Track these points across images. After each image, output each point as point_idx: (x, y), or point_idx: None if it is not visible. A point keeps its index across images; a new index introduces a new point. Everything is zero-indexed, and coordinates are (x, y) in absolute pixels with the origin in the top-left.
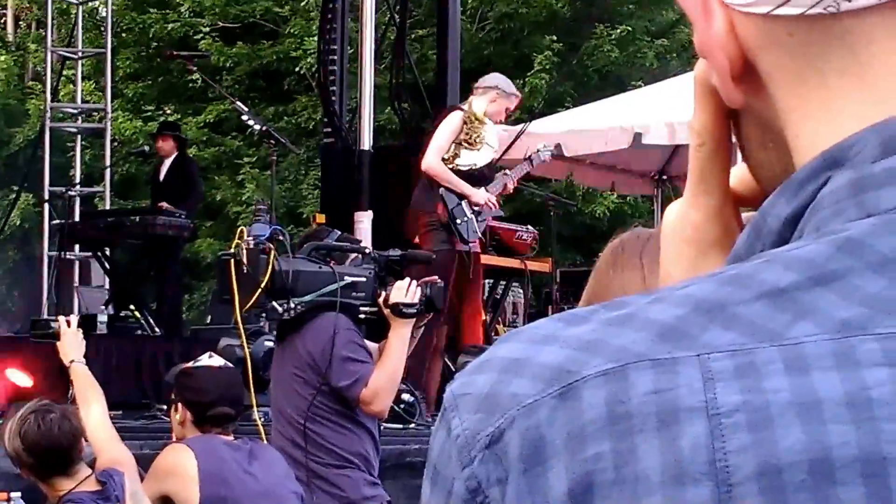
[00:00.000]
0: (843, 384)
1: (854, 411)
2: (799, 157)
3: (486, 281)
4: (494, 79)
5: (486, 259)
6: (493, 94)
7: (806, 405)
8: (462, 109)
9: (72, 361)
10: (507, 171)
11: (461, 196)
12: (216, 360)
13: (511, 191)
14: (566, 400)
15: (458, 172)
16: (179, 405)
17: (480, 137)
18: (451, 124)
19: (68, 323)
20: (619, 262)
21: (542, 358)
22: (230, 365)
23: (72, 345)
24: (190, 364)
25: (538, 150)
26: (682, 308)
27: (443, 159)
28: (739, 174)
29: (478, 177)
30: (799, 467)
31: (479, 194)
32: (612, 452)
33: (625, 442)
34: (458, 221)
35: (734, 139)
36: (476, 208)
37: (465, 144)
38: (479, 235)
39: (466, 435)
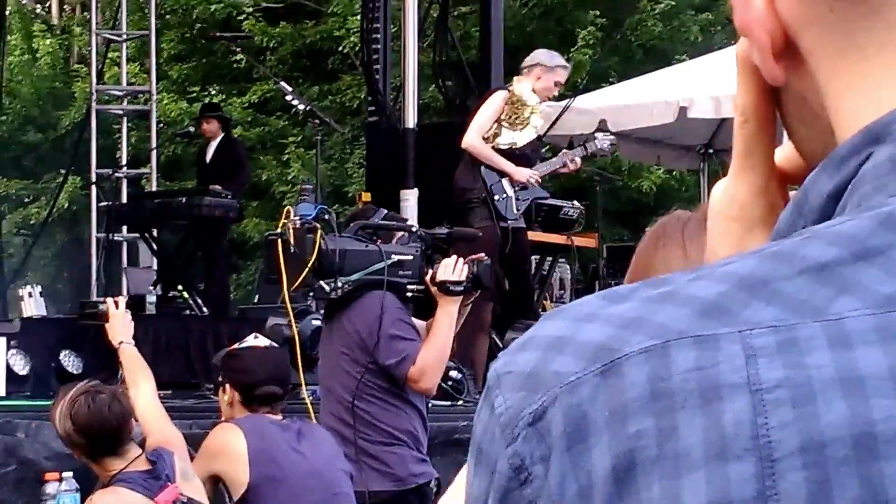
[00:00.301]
0: (887, 359)
1: None
2: (840, 132)
3: (533, 257)
4: (535, 56)
5: (532, 235)
6: (537, 70)
7: (849, 380)
8: (507, 90)
9: (120, 343)
10: (566, 150)
11: (501, 174)
12: (262, 341)
13: (573, 170)
14: (608, 377)
15: (497, 151)
16: (227, 386)
17: (523, 118)
18: (493, 104)
19: (116, 304)
20: (661, 241)
21: (584, 336)
22: (275, 345)
23: (120, 326)
24: (236, 346)
25: (596, 139)
26: (724, 284)
27: (484, 138)
28: (785, 151)
29: (518, 156)
30: (842, 442)
31: (522, 172)
32: (655, 429)
33: (667, 419)
34: (497, 198)
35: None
36: (518, 186)
37: (507, 124)
38: (520, 213)
39: (510, 413)
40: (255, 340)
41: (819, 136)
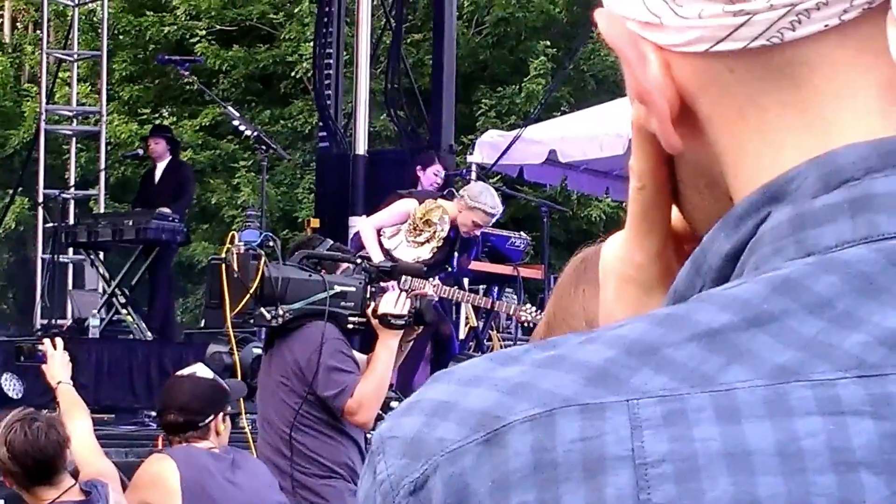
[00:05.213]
0: (775, 434)
1: (784, 462)
2: (739, 197)
3: (480, 287)
4: (467, 188)
5: (479, 265)
6: (461, 204)
7: (735, 455)
8: (417, 201)
9: (59, 383)
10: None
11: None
12: (189, 370)
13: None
14: (492, 446)
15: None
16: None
17: (416, 241)
18: (399, 210)
19: (54, 345)
20: (582, 281)
21: (469, 401)
22: (202, 375)
23: (58, 367)
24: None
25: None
26: (613, 350)
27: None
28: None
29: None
30: None
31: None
32: (537, 502)
33: (550, 491)
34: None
35: None
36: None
37: (402, 234)
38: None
39: (392, 480)
40: (186, 369)
41: (713, 205)
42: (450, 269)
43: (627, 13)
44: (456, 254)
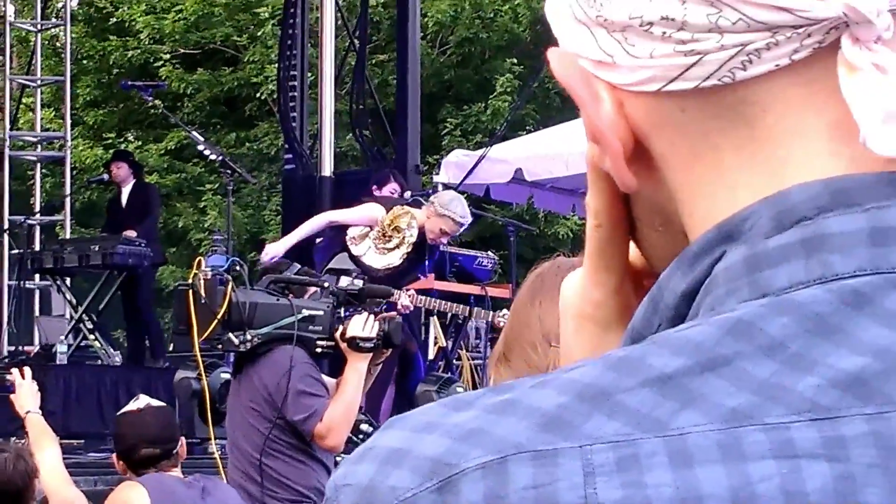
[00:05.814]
0: (728, 478)
1: None
2: (694, 236)
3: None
4: (437, 195)
5: (446, 286)
6: (430, 210)
7: (688, 501)
8: (385, 209)
9: (27, 412)
10: (412, 292)
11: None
12: (140, 402)
13: (406, 308)
14: (444, 494)
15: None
16: (115, 456)
17: (385, 247)
18: (366, 214)
19: (22, 374)
20: (538, 294)
21: (422, 449)
22: (155, 404)
23: (26, 396)
24: (119, 412)
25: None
26: (566, 395)
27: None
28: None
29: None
30: None
31: (277, 245)
32: None
33: None
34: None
35: None
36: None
37: (370, 240)
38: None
39: None
40: (135, 402)
41: (668, 242)
42: (421, 278)
43: (580, 52)
44: (427, 261)
